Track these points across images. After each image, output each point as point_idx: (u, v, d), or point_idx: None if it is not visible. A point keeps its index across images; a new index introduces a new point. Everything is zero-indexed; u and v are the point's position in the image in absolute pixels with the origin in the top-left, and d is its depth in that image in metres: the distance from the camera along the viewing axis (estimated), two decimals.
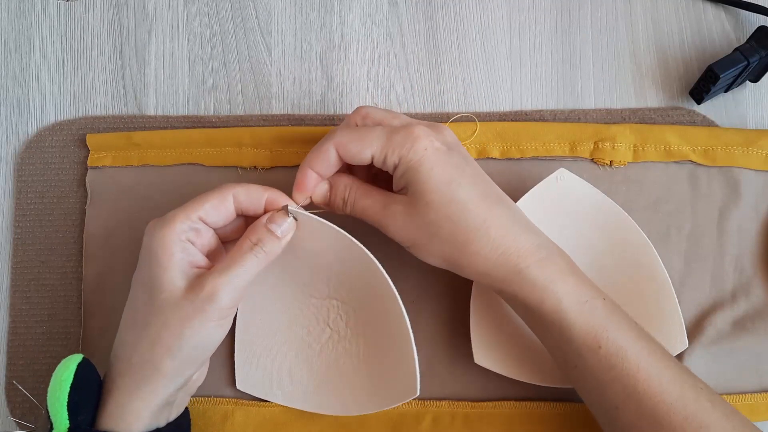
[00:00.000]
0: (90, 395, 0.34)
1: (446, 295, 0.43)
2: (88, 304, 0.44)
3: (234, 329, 0.42)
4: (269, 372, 0.42)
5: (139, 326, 0.35)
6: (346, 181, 0.38)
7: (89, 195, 0.44)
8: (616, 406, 0.34)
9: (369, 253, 0.37)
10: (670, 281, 0.40)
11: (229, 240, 0.39)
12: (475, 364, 0.40)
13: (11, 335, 0.44)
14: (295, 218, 0.37)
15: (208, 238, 0.37)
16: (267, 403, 0.42)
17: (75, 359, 0.35)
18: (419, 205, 0.35)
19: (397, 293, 0.37)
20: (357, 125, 0.38)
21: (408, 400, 0.38)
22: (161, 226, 0.35)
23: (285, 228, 0.36)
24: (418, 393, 0.37)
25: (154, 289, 0.34)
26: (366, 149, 0.36)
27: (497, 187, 0.37)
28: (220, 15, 0.47)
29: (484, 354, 0.40)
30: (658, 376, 0.33)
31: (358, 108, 0.38)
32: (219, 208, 0.36)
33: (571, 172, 0.41)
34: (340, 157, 0.36)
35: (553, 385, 0.40)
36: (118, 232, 0.44)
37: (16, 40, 0.47)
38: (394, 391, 0.38)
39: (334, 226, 0.37)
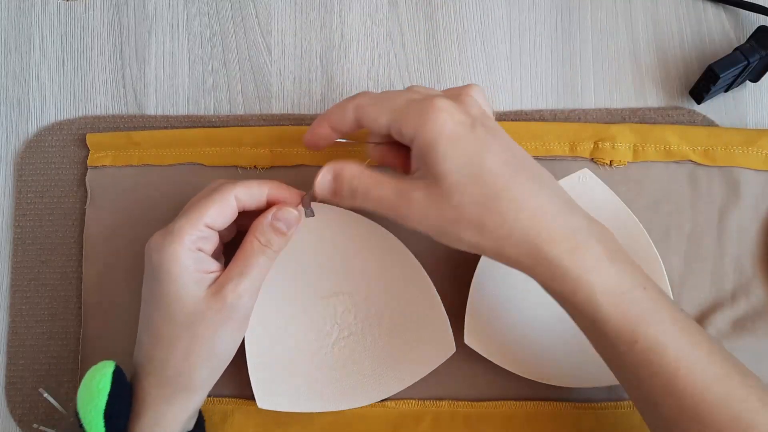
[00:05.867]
0: (124, 403, 0.35)
1: (447, 292, 0.42)
2: (88, 304, 0.44)
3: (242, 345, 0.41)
4: (289, 384, 0.41)
5: (166, 341, 0.35)
6: (353, 170, 0.34)
7: (89, 195, 0.44)
8: (655, 402, 0.31)
9: (387, 230, 0.38)
10: (668, 283, 0.40)
11: (225, 238, 0.39)
12: (476, 363, 0.40)
13: (11, 335, 0.44)
14: (311, 211, 0.37)
15: (214, 242, 0.37)
16: None
17: (109, 366, 0.35)
18: (441, 188, 0.32)
19: (417, 262, 0.40)
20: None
21: (447, 358, 0.40)
22: (170, 241, 0.34)
23: (291, 222, 0.36)
24: (455, 349, 0.40)
25: (174, 304, 0.35)
26: (382, 116, 0.33)
27: (533, 160, 0.34)
28: (220, 15, 0.47)
29: (475, 335, 0.40)
30: (701, 373, 0.31)
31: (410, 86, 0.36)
32: (223, 212, 0.36)
33: (571, 172, 0.41)
34: (358, 120, 0.34)
35: (549, 383, 0.40)
36: (118, 231, 0.44)
37: (16, 39, 0.47)
38: (427, 358, 0.40)
39: (348, 210, 0.38)
